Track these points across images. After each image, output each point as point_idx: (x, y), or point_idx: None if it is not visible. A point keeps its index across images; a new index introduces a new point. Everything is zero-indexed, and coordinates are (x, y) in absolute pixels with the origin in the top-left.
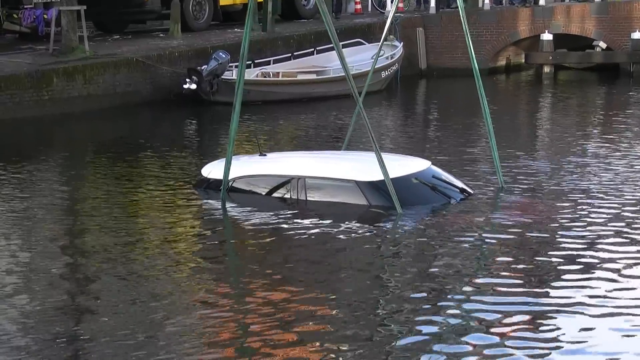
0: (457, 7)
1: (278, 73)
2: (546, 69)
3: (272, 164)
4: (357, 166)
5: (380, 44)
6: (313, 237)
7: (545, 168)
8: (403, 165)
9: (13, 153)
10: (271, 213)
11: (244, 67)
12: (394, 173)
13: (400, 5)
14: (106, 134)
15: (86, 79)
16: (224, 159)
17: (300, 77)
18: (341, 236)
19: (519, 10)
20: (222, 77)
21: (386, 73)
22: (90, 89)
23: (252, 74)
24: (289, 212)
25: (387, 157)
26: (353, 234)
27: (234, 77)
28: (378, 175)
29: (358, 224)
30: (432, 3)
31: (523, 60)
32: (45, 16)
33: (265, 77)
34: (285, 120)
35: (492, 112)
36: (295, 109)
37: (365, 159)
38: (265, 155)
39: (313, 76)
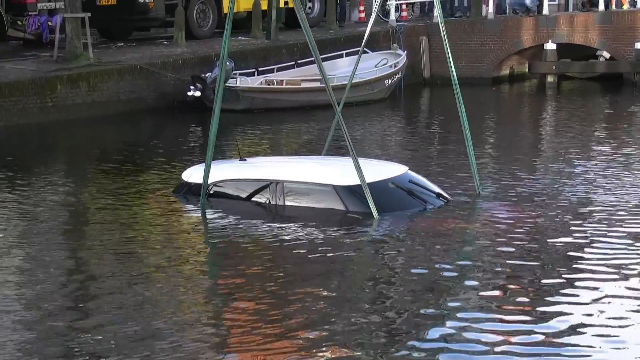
0: (462, 17)
1: (282, 81)
2: (550, 79)
3: (252, 169)
4: (334, 171)
5: (358, 55)
6: (290, 242)
7: (538, 177)
8: (380, 170)
9: (16, 159)
10: (249, 218)
11: (224, 71)
12: (370, 178)
13: (404, 14)
14: (109, 141)
15: (90, 86)
16: (204, 163)
17: (304, 85)
18: (318, 242)
19: (523, 19)
20: (226, 84)
21: (390, 81)
22: (94, 95)
23: (256, 81)
24: (267, 217)
25: (364, 162)
26: (329, 240)
27: (238, 84)
28: (355, 180)
29: (334, 229)
30: (436, 12)
31: (527, 70)
32: (49, 23)
33: (269, 85)
34: (289, 127)
35: (494, 121)
36: (299, 117)
37: (344, 164)
38: (245, 160)
39: (317, 84)
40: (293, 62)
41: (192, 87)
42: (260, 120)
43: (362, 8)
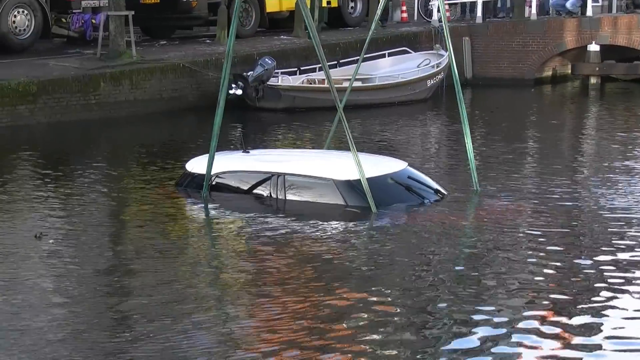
0: (504, 17)
1: (324, 80)
2: (593, 80)
3: (254, 161)
4: (335, 165)
5: (360, 58)
6: (289, 235)
7: (556, 180)
8: (379, 166)
9: (59, 156)
10: (250, 211)
11: (229, 64)
12: (369, 173)
13: (447, 14)
14: (150, 139)
15: (133, 84)
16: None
17: (346, 84)
18: (316, 235)
19: (566, 20)
20: (268, 83)
21: (432, 82)
22: (136, 93)
23: (297, 80)
24: (267, 210)
25: (365, 158)
26: (328, 232)
27: (280, 83)
28: (355, 175)
29: (333, 222)
30: (479, 12)
31: (569, 71)
32: (93, 21)
33: (310, 84)
34: (328, 127)
35: (532, 123)
36: None
37: (344, 159)
38: (248, 151)
39: (359, 84)
40: (335, 62)
41: (233, 86)
42: (300, 119)
43: (404, 8)
